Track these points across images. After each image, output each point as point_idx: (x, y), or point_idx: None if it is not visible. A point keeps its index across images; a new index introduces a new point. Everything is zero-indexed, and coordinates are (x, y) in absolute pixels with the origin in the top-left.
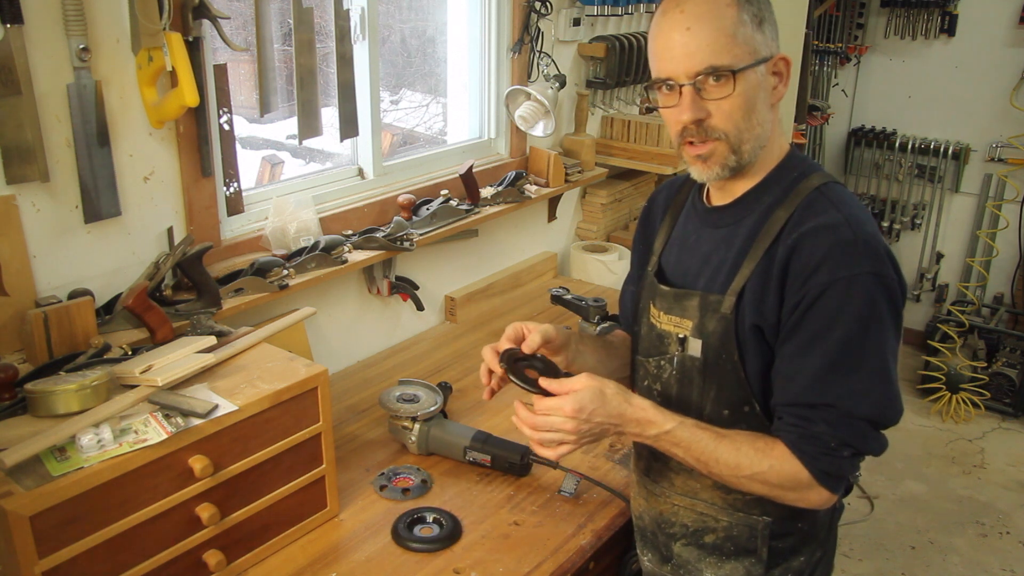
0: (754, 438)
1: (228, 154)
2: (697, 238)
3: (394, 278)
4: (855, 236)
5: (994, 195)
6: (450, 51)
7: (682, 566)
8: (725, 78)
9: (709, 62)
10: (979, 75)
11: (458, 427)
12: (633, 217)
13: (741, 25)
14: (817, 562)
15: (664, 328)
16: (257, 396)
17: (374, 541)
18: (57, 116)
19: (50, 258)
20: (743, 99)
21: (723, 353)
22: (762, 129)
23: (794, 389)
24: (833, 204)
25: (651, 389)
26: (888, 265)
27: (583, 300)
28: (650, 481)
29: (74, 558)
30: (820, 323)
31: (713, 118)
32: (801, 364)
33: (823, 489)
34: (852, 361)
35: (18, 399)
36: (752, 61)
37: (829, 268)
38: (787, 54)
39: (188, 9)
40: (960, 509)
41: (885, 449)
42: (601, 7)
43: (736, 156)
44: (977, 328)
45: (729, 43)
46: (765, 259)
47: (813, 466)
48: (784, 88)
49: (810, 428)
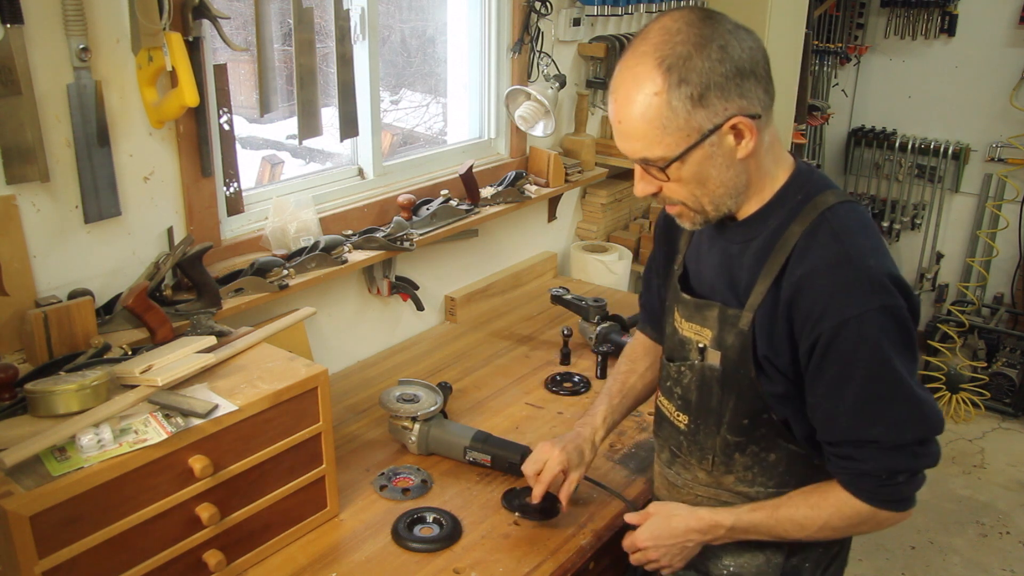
0: (806, 495)
1: (228, 154)
2: (710, 247)
3: (394, 278)
4: (857, 274)
5: (994, 195)
6: (450, 51)
7: (703, 552)
8: (659, 167)
9: (642, 154)
10: (979, 75)
11: (458, 427)
12: (633, 217)
13: (671, 113)
14: (835, 555)
15: (685, 335)
16: (257, 396)
17: (374, 541)
18: (57, 116)
19: (50, 258)
20: (689, 175)
21: (741, 368)
22: (726, 188)
23: (836, 429)
24: (835, 235)
25: (672, 392)
26: (895, 294)
27: (583, 300)
28: (673, 473)
29: (74, 558)
30: (842, 365)
31: (664, 191)
32: (835, 404)
33: (891, 513)
34: (883, 394)
35: (18, 399)
36: (690, 144)
37: (836, 310)
38: (747, 113)
39: (188, 9)
40: (960, 509)
41: (939, 457)
42: (601, 7)
43: (703, 215)
44: (977, 328)
45: (659, 135)
46: (775, 287)
47: (873, 500)
48: (752, 141)
49: (860, 466)
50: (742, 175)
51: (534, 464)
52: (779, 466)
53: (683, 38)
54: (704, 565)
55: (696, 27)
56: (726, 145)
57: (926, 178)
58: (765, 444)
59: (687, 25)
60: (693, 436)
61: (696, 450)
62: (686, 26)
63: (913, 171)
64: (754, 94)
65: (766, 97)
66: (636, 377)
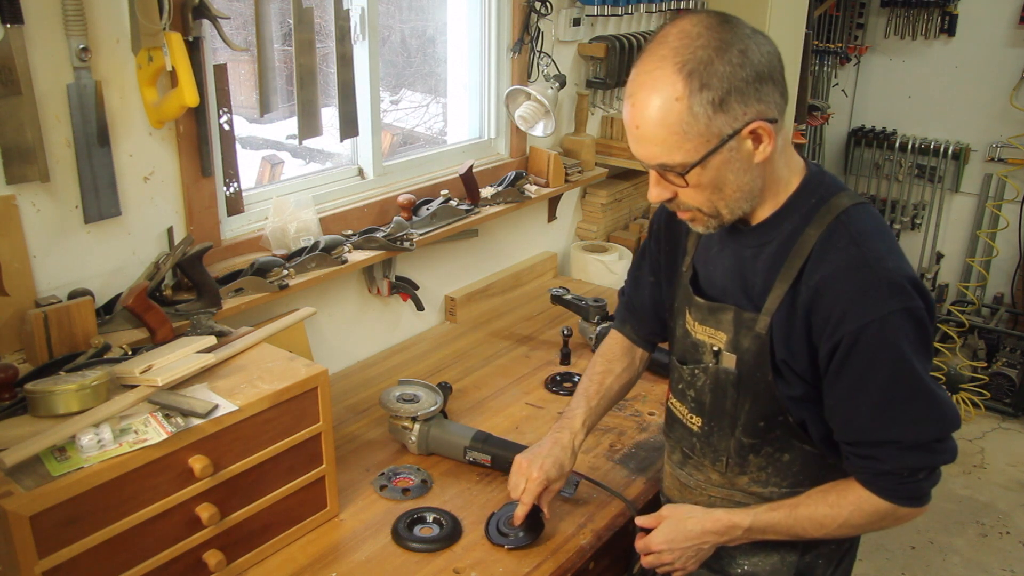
0: (824, 493)
1: (228, 154)
2: (721, 249)
3: (394, 278)
4: (876, 277)
5: (994, 195)
6: (450, 51)
7: (716, 553)
8: (678, 173)
9: (660, 160)
10: (979, 75)
11: (458, 427)
12: (633, 217)
13: (692, 118)
14: (846, 551)
15: (699, 337)
16: (257, 396)
17: (374, 541)
18: (57, 116)
19: (50, 258)
20: (707, 181)
21: (758, 372)
22: (742, 192)
23: (855, 429)
24: (852, 239)
25: (685, 394)
26: (914, 295)
27: (583, 300)
28: (685, 474)
29: (74, 558)
30: (862, 367)
31: (680, 197)
32: (855, 406)
33: (911, 508)
34: (903, 394)
35: (18, 399)
36: (710, 149)
37: (857, 313)
38: (765, 117)
39: (188, 9)
40: (960, 509)
41: (957, 452)
42: (601, 7)
43: (717, 220)
44: (977, 328)
45: (679, 140)
46: (792, 291)
47: (893, 497)
48: (770, 145)
49: (879, 465)
50: (758, 179)
51: (514, 487)
52: (793, 466)
53: (704, 42)
54: (718, 564)
55: (716, 31)
56: (744, 150)
57: (926, 178)
58: (780, 445)
59: (707, 29)
60: (707, 438)
61: (710, 452)
62: (706, 30)
63: (913, 171)
64: (771, 98)
65: (782, 101)
66: (613, 378)
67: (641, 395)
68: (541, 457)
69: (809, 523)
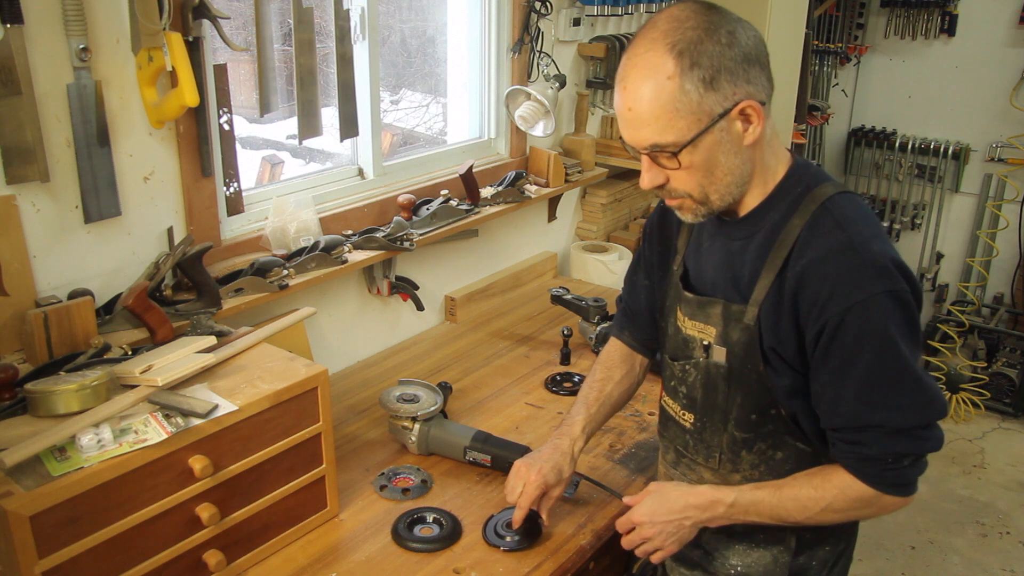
0: (809, 476)
1: (228, 154)
2: (710, 244)
3: (394, 278)
4: (862, 258)
5: (994, 195)
6: (450, 51)
7: (710, 552)
8: (671, 153)
9: (653, 140)
10: (979, 75)
11: (458, 427)
12: (633, 217)
13: (684, 96)
14: (841, 553)
15: (689, 333)
16: (257, 396)
17: (374, 541)
18: (57, 116)
19: (50, 258)
20: (699, 162)
21: (748, 364)
22: (732, 176)
23: (840, 413)
24: (837, 223)
25: (677, 391)
26: (899, 278)
27: (583, 300)
28: (678, 473)
29: (74, 558)
30: (848, 350)
31: (672, 182)
32: (840, 390)
33: (896, 497)
34: (889, 378)
35: (18, 399)
36: (701, 128)
37: (842, 295)
38: (754, 98)
39: (188, 9)
40: (960, 509)
41: (943, 441)
42: (601, 7)
43: (706, 207)
44: (977, 328)
45: (672, 119)
46: (778, 280)
47: (878, 484)
48: (760, 126)
49: (864, 451)
50: (747, 163)
51: (512, 490)
52: (786, 464)
53: (693, 24)
54: (711, 565)
55: (704, 15)
56: (735, 131)
57: (926, 178)
58: (772, 441)
59: (695, 13)
60: (699, 434)
61: (703, 448)
62: (694, 14)
63: (913, 171)
64: (759, 81)
65: (769, 86)
66: (613, 385)
67: (641, 395)
68: (540, 462)
69: (793, 504)
